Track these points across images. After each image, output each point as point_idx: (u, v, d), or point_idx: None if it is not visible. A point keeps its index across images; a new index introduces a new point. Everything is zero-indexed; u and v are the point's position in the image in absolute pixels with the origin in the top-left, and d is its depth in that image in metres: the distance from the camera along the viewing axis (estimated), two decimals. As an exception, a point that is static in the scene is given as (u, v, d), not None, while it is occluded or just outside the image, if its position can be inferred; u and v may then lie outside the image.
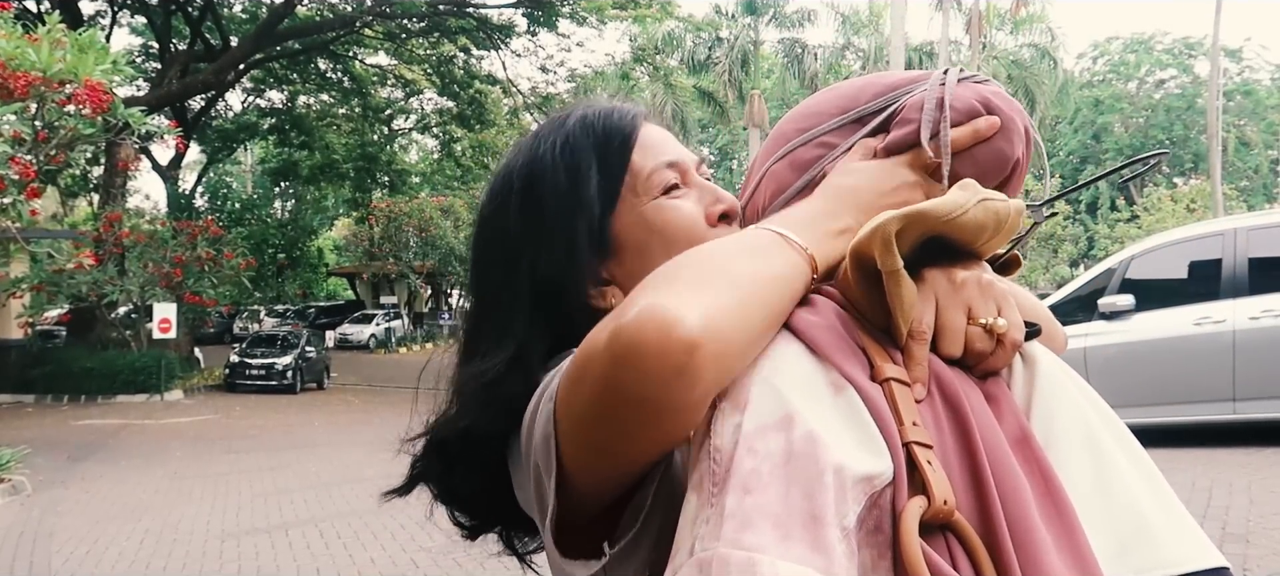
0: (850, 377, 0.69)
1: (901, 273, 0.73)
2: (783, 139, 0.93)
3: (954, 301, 0.76)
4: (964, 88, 0.87)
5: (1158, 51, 48.52)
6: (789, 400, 0.68)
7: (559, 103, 27.79)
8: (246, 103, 32.79)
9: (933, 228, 0.74)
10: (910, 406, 0.69)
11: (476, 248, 1.01)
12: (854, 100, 0.91)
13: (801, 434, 0.66)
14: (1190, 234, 8.94)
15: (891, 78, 0.91)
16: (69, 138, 9.45)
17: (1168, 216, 31.04)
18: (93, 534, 7.23)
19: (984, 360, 0.76)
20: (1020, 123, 0.87)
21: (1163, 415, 7.73)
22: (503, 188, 0.97)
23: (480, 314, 1.00)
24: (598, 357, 0.69)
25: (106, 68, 8.78)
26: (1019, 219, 0.79)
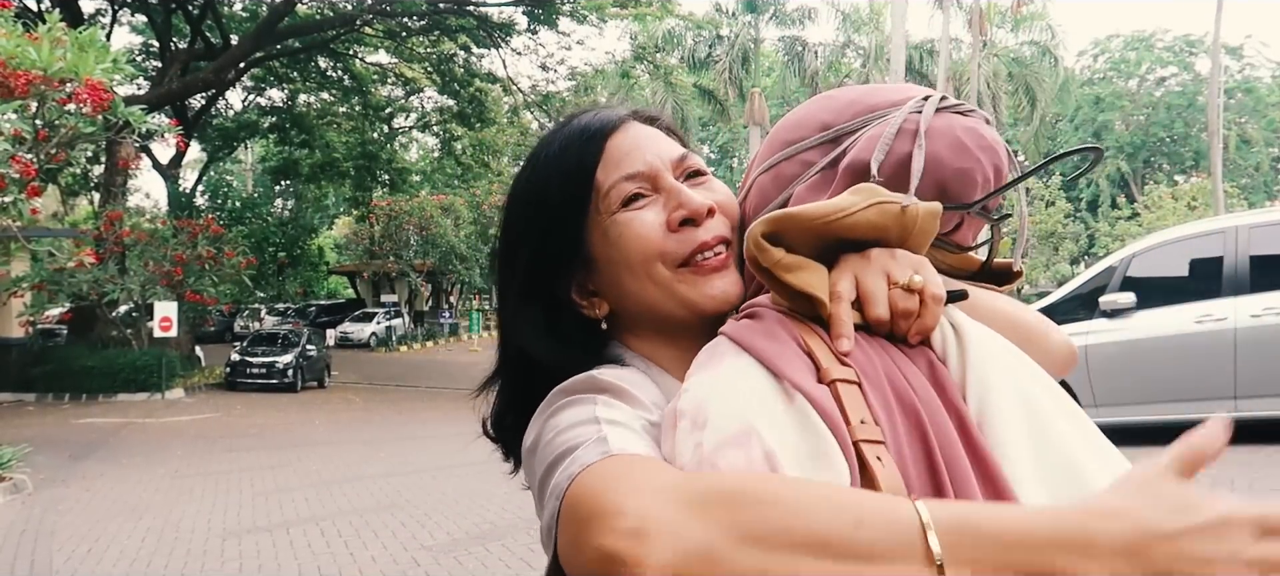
0: (798, 385, 0.70)
1: (783, 260, 0.77)
2: (773, 148, 0.95)
3: (870, 270, 0.79)
4: (943, 118, 0.88)
5: (1158, 49, 48.50)
6: (747, 416, 0.69)
7: (559, 101, 27.83)
8: (247, 101, 32.80)
9: (816, 228, 0.78)
10: (857, 404, 0.70)
11: None
12: (838, 116, 0.92)
13: (760, 454, 0.67)
14: (1191, 232, 8.93)
15: (879, 96, 0.92)
16: (69, 136, 9.45)
17: (1168, 214, 31.03)
18: (94, 532, 7.23)
19: (912, 319, 0.78)
20: (982, 165, 0.88)
21: (1163, 413, 7.73)
22: (508, 198, 1.01)
23: (500, 311, 1.03)
24: (577, 537, 0.65)
25: (107, 66, 8.78)
26: (932, 221, 0.81)
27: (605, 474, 0.67)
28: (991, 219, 0.93)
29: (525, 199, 0.96)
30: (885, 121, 0.89)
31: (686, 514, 0.61)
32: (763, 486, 0.64)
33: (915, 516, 0.60)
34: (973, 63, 28.90)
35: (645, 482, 0.64)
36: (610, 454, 0.69)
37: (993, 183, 0.89)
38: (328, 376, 24.55)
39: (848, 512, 0.61)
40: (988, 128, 0.91)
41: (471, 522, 6.94)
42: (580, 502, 0.66)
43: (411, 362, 29.81)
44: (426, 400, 20.39)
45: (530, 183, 0.97)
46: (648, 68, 30.34)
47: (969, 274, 0.94)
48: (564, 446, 0.75)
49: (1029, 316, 0.94)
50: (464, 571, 5.60)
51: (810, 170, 0.91)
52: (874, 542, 0.59)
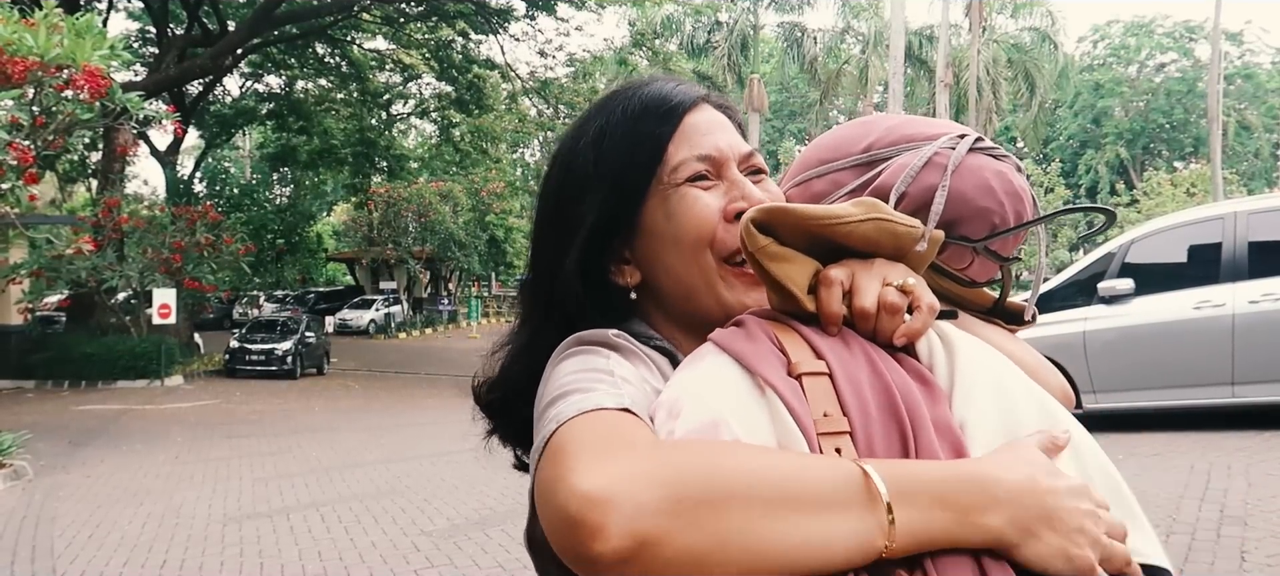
0: (769, 380, 0.74)
1: (768, 248, 0.80)
2: (806, 165, 0.98)
3: (866, 269, 0.81)
4: (974, 157, 0.91)
5: (1158, 35, 48.40)
6: (717, 408, 0.73)
7: (557, 87, 27.76)
8: (244, 88, 32.70)
9: (810, 228, 0.80)
10: (823, 397, 0.73)
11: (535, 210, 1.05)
12: (877, 141, 0.95)
13: (728, 439, 0.71)
14: (1190, 218, 8.93)
15: (917, 127, 0.95)
16: (67, 123, 9.43)
17: (1167, 200, 31.04)
18: (94, 518, 7.25)
19: (898, 317, 0.79)
20: (1004, 211, 0.91)
21: (1162, 399, 7.75)
22: (555, 153, 1.00)
23: (527, 279, 1.03)
24: (550, 486, 0.69)
25: (104, 52, 8.75)
26: (930, 248, 0.84)
27: (590, 428, 0.71)
28: (1000, 259, 0.94)
29: (589, 154, 0.95)
30: (917, 152, 0.91)
31: (650, 484, 0.64)
32: (720, 449, 0.70)
33: (857, 468, 0.67)
34: (972, 48, 28.82)
35: (621, 447, 0.68)
36: (601, 407, 0.73)
37: (1010, 219, 0.92)
38: (326, 363, 24.57)
39: (797, 466, 0.68)
40: (1018, 175, 0.93)
41: (471, 508, 6.96)
42: (559, 452, 0.70)
43: (410, 349, 29.84)
44: (425, 387, 20.42)
45: (598, 140, 0.95)
46: (646, 54, 30.25)
47: (981, 310, 0.96)
48: (563, 389, 0.78)
49: (1029, 357, 0.96)
50: (463, 556, 5.62)
51: (840, 190, 0.93)
52: (821, 488, 0.66)
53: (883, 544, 0.65)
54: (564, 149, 0.99)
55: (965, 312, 0.93)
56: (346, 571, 5.56)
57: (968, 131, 0.93)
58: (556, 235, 0.96)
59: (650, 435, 0.71)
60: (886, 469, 0.67)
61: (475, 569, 5.37)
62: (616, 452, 0.67)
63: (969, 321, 0.93)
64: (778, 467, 0.67)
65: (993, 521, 0.68)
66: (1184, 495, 5.68)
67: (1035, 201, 0.95)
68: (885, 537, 0.65)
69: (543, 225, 0.98)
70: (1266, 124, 45.13)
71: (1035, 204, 0.94)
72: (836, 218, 0.80)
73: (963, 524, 0.67)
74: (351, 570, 5.58)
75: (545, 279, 0.97)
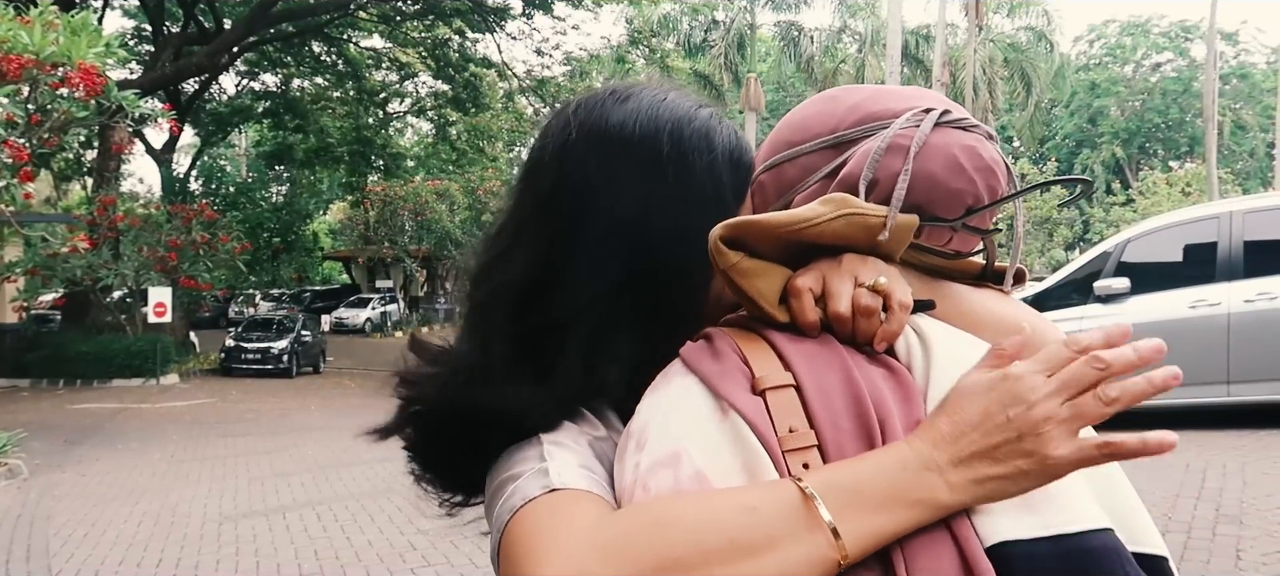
0: (731, 401, 0.73)
1: (739, 264, 0.78)
2: (775, 147, 0.94)
3: (836, 271, 0.80)
4: (941, 133, 0.87)
5: (1154, 35, 48.47)
6: (678, 437, 0.73)
7: (554, 86, 27.73)
8: (240, 86, 32.64)
9: (781, 236, 0.79)
10: (789, 411, 0.72)
11: (558, 181, 0.89)
12: (841, 121, 0.90)
13: (689, 474, 0.71)
14: (1186, 217, 8.94)
15: (883, 102, 0.90)
16: (62, 121, 9.41)
17: (1163, 200, 31.10)
18: (90, 516, 7.24)
19: (873, 319, 0.78)
20: (976, 187, 0.87)
21: (1157, 398, 7.75)
22: (639, 139, 0.87)
23: (554, 258, 0.87)
24: None
25: (99, 50, 8.73)
26: (905, 232, 0.82)
27: (539, 516, 0.71)
28: (978, 232, 0.92)
29: (711, 179, 0.88)
30: (880, 134, 0.87)
31: (605, 563, 0.65)
32: (666, 510, 0.68)
33: (797, 491, 0.66)
34: (969, 48, 28.85)
35: (571, 532, 0.68)
36: (550, 488, 0.73)
37: (986, 203, 0.89)
38: (323, 362, 24.54)
39: (743, 508, 0.66)
40: (989, 145, 0.89)
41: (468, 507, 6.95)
42: (514, 547, 0.71)
43: (407, 348, 29.71)
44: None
45: (715, 159, 0.88)
46: (643, 53, 30.26)
47: (970, 277, 0.94)
48: (508, 471, 0.78)
49: (1024, 314, 0.93)
50: (460, 554, 5.62)
51: (812, 177, 0.90)
52: (770, 525, 0.65)
53: (837, 558, 0.65)
54: (639, 134, 0.87)
55: (955, 283, 0.91)
56: (343, 570, 5.56)
57: (934, 103, 0.89)
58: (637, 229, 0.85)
59: (593, 509, 0.71)
60: (827, 480, 0.67)
61: (472, 567, 5.37)
62: (564, 540, 0.67)
63: (958, 290, 0.91)
64: (723, 517, 0.66)
65: (931, 492, 0.67)
66: (1180, 494, 5.69)
67: (1010, 170, 0.91)
68: (837, 553, 0.65)
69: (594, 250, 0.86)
70: (1262, 123, 45.18)
71: (1010, 173, 0.91)
72: (805, 221, 0.79)
73: (912, 509, 0.67)
74: (348, 569, 5.57)
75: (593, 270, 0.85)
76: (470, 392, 0.85)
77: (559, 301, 0.85)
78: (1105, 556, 0.68)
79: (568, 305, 0.85)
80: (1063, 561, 0.67)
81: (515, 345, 0.86)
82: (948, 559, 0.66)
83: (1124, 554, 0.69)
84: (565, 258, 0.86)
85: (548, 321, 0.85)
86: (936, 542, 0.67)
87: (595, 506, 0.72)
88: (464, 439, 0.85)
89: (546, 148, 0.90)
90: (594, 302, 0.85)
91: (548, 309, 0.85)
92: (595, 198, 0.86)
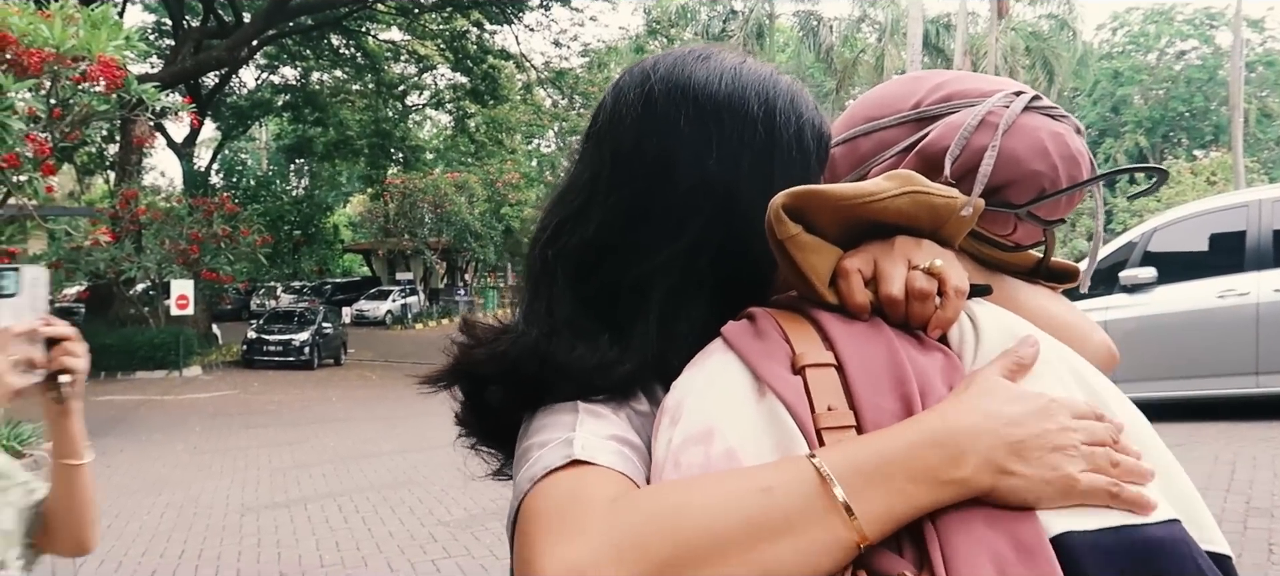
0: (768, 379, 0.71)
1: (798, 237, 0.75)
2: (851, 121, 0.92)
3: (890, 253, 0.77)
4: (1030, 116, 0.85)
5: (1178, 22, 47.86)
6: (712, 414, 0.71)
7: (572, 77, 27.71)
8: (260, 79, 32.85)
9: (842, 209, 0.76)
10: (828, 389, 0.70)
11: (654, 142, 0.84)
12: (925, 98, 0.89)
13: (721, 451, 0.69)
14: (1213, 206, 8.81)
15: (969, 84, 0.89)
16: (83, 114, 9.46)
17: (1188, 189, 30.74)
18: (114, 508, 7.29)
19: (928, 303, 0.75)
20: (1057, 174, 0.85)
21: (1185, 389, 7.65)
22: (727, 97, 0.84)
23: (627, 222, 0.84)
24: (523, 556, 0.67)
25: (119, 44, 8.75)
26: (971, 215, 0.79)
27: (556, 494, 0.69)
28: (1042, 223, 0.89)
29: (796, 141, 0.84)
30: (970, 110, 0.85)
31: (616, 565, 0.62)
32: (681, 496, 0.66)
33: (813, 470, 0.64)
34: (990, 36, 28.57)
35: (585, 517, 0.66)
36: (572, 459, 0.71)
37: (1063, 182, 0.87)
38: (344, 354, 24.69)
39: (758, 490, 0.64)
40: (1076, 138, 0.88)
41: (488, 498, 6.96)
42: (527, 524, 0.68)
43: (427, 340, 29.91)
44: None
45: (795, 131, 0.85)
46: (661, 43, 30.17)
47: (1024, 271, 0.92)
48: (537, 436, 0.76)
49: (1073, 316, 0.92)
50: (480, 546, 5.61)
51: (888, 150, 0.89)
52: (788, 507, 0.63)
53: (856, 539, 0.63)
54: (732, 99, 0.84)
55: (1007, 276, 0.89)
56: (364, 561, 5.57)
57: (1024, 89, 0.88)
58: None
59: (607, 496, 0.68)
60: (847, 456, 0.65)
61: (493, 559, 5.36)
62: (583, 518, 0.65)
63: (1011, 285, 0.89)
64: (739, 500, 0.64)
65: (960, 472, 0.65)
66: (1208, 487, 5.60)
67: (1093, 166, 0.89)
68: (856, 534, 0.63)
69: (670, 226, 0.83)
70: (1289, 111, 44.58)
71: (1093, 168, 0.89)
72: (869, 195, 0.76)
73: (932, 487, 0.65)
74: (369, 560, 5.58)
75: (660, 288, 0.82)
76: (539, 345, 0.81)
77: (635, 260, 0.82)
78: (1174, 549, 0.65)
79: (645, 264, 0.82)
80: (1129, 554, 0.64)
81: (585, 306, 0.83)
82: (992, 541, 0.63)
83: (1193, 547, 0.66)
84: (644, 215, 0.83)
85: (621, 281, 0.82)
86: (975, 522, 0.64)
87: (615, 486, 0.69)
88: (521, 394, 0.82)
89: (625, 104, 0.86)
90: (672, 261, 0.82)
91: (623, 268, 0.82)
92: (680, 154, 0.83)
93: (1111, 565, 0.63)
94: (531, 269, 0.89)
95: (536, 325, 0.83)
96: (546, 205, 0.92)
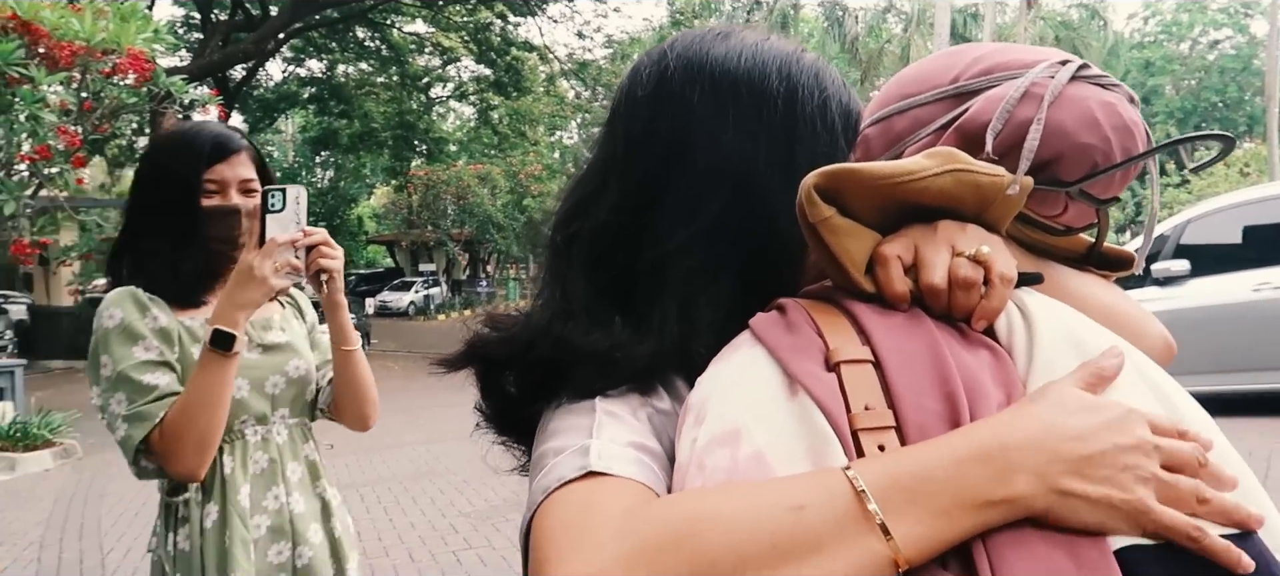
0: (801, 377, 0.66)
1: (831, 220, 0.70)
2: (886, 99, 0.86)
3: (933, 239, 0.72)
4: (1078, 86, 0.79)
5: (1212, 11, 47.09)
6: (740, 414, 0.66)
7: (595, 69, 27.65)
8: (286, 72, 33.03)
9: (880, 189, 0.71)
10: (865, 388, 0.65)
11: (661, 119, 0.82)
12: (964, 71, 0.83)
13: (748, 454, 0.64)
14: (1249, 197, 8.65)
15: (1009, 55, 0.83)
16: (113, 107, 9.55)
17: (1220, 181, 30.22)
18: (141, 496, 7.36)
19: (973, 293, 0.70)
20: (1110, 147, 0.79)
21: (1220, 383, 7.52)
22: (745, 73, 0.81)
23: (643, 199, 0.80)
24: None
25: (148, 37, 8.82)
26: (1019, 196, 0.73)
27: (569, 509, 0.65)
28: (1095, 203, 0.83)
29: (820, 116, 0.81)
30: (1012, 82, 0.79)
31: (632, 568, 0.59)
32: (703, 507, 0.61)
33: (848, 485, 0.59)
34: (1019, 26, 28.22)
35: (598, 534, 0.61)
36: (587, 471, 0.67)
37: (1118, 154, 0.80)
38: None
39: (788, 507, 0.59)
40: (1130, 107, 0.81)
41: (510, 490, 6.96)
42: (539, 541, 0.65)
43: (449, 331, 29.90)
44: (465, 368, 20.55)
45: (818, 107, 0.81)
46: (685, 34, 30.06)
47: (1075, 258, 0.86)
48: (552, 440, 0.72)
49: (1127, 306, 0.86)
50: (502, 538, 5.61)
51: (925, 128, 0.83)
52: (819, 527, 0.58)
53: (893, 558, 0.58)
54: (747, 74, 0.81)
55: (1056, 263, 0.83)
56: (385, 552, 5.58)
57: (1070, 58, 0.81)
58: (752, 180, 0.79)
59: (623, 508, 0.63)
60: (886, 471, 0.59)
61: (514, 551, 5.35)
62: (587, 544, 0.61)
63: (1061, 272, 0.83)
64: (769, 516, 0.59)
65: (1008, 491, 0.58)
66: (1243, 483, 5.50)
67: (1149, 137, 0.82)
68: (895, 553, 0.58)
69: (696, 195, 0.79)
70: (1325, 102, 43.78)
71: (1148, 140, 0.82)
72: (909, 173, 0.70)
73: (979, 509, 0.58)
74: (390, 550, 5.59)
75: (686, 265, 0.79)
76: (553, 326, 0.78)
77: (651, 243, 0.79)
78: (1253, 563, 0.59)
79: (661, 247, 0.78)
80: (1203, 570, 0.58)
81: (601, 291, 0.79)
82: (1049, 557, 0.57)
83: (1270, 559, 0.60)
84: (659, 197, 0.79)
85: (637, 265, 0.79)
86: (1030, 537, 0.58)
87: (632, 497, 0.65)
88: (536, 380, 0.79)
89: (639, 84, 0.83)
90: (690, 244, 0.78)
91: (639, 251, 0.79)
92: (695, 133, 0.79)
93: None
94: (548, 254, 0.86)
95: (551, 310, 0.80)
96: (565, 189, 0.89)
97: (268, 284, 1.67)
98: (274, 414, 1.87)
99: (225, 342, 1.63)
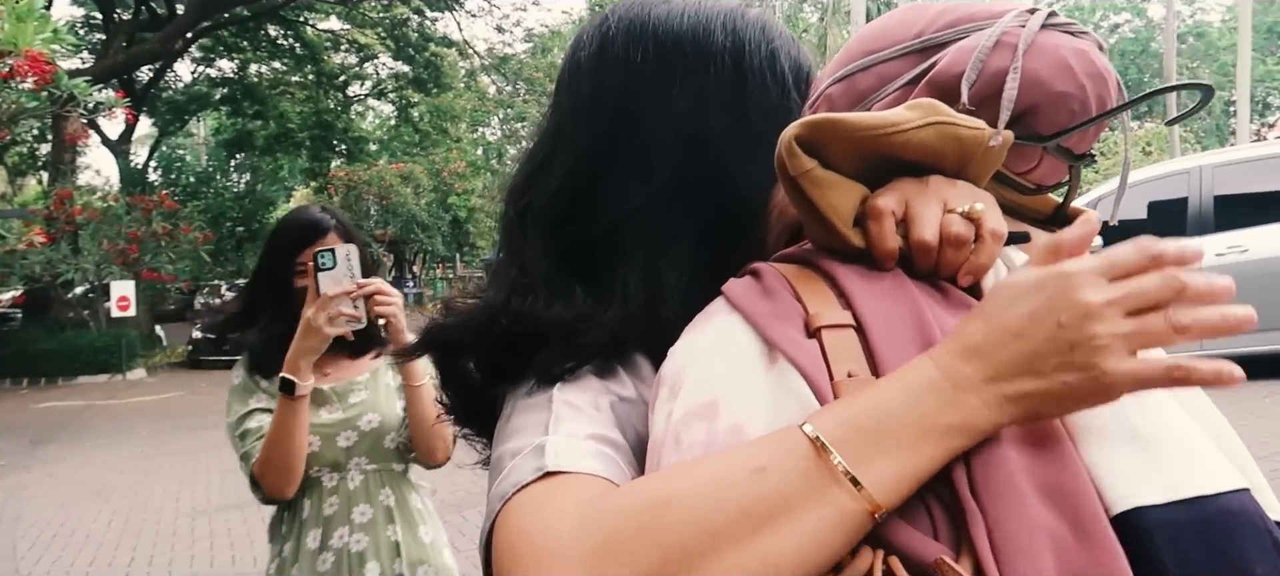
0: (780, 344, 0.63)
1: (813, 172, 0.67)
2: (849, 56, 0.84)
3: (923, 193, 0.69)
4: (1048, 34, 0.77)
5: (1112, -4, 48.94)
6: (716, 385, 0.64)
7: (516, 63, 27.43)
8: (196, 72, 32.00)
9: (862, 141, 0.68)
10: (847, 352, 0.63)
11: (606, 86, 0.80)
12: (930, 24, 0.81)
13: (726, 426, 0.62)
14: (1152, 174, 9.01)
15: (974, 6, 0.81)
16: (12, 112, 9.12)
17: (1124, 160, 31.41)
18: (59, 517, 7.07)
19: (963, 251, 0.68)
20: (1085, 94, 0.77)
21: None
22: (690, 28, 0.80)
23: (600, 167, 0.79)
24: None
25: (47, 37, 8.44)
26: (1000, 150, 0.72)
27: (526, 515, 0.62)
28: (1071, 159, 0.82)
29: (769, 75, 0.81)
30: (982, 32, 0.78)
31: (597, 565, 0.56)
32: (664, 488, 0.58)
33: (805, 439, 0.57)
34: (931, 13, 28.92)
35: (563, 524, 0.59)
36: (544, 471, 0.64)
37: (1094, 106, 0.79)
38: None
39: (750, 471, 0.57)
40: (1100, 54, 0.80)
41: (471, 483, 6.88)
42: (499, 554, 0.62)
43: (377, 333, 29.50)
44: (394, 370, 20.23)
45: (764, 67, 0.80)
46: (606, 27, 30.05)
47: (1042, 219, 0.84)
48: (509, 441, 0.70)
49: None
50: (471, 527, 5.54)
51: (890, 84, 0.81)
52: (784, 486, 0.56)
53: (868, 509, 0.56)
54: (692, 33, 0.80)
55: (1024, 223, 0.82)
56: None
57: (1037, 6, 0.80)
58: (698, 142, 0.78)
59: (578, 505, 0.60)
60: (844, 419, 0.57)
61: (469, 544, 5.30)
62: (546, 553, 0.58)
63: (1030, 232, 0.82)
64: (731, 486, 0.56)
65: (957, 416, 0.57)
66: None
67: (1120, 85, 0.81)
68: (867, 503, 0.56)
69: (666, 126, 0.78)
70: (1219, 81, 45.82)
71: (1120, 89, 0.81)
72: (891, 125, 0.68)
73: (939, 437, 0.57)
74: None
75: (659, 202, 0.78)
76: (511, 302, 0.76)
77: (607, 208, 0.77)
78: (1247, 521, 0.58)
79: (616, 210, 0.76)
80: (1203, 530, 0.57)
81: (559, 261, 0.77)
82: (1047, 522, 0.55)
83: (1265, 518, 0.59)
84: (610, 161, 0.78)
85: (594, 232, 0.77)
86: (1006, 449, 0.57)
87: (590, 493, 0.62)
88: (495, 362, 0.77)
89: (583, 50, 0.82)
90: (647, 207, 0.76)
91: (595, 217, 0.77)
92: (643, 95, 0.78)
93: (1183, 541, 0.56)
94: (502, 230, 0.84)
95: (508, 286, 0.78)
96: (518, 163, 0.87)
97: (323, 332, 1.92)
98: (349, 462, 2.14)
99: (288, 388, 1.92)
